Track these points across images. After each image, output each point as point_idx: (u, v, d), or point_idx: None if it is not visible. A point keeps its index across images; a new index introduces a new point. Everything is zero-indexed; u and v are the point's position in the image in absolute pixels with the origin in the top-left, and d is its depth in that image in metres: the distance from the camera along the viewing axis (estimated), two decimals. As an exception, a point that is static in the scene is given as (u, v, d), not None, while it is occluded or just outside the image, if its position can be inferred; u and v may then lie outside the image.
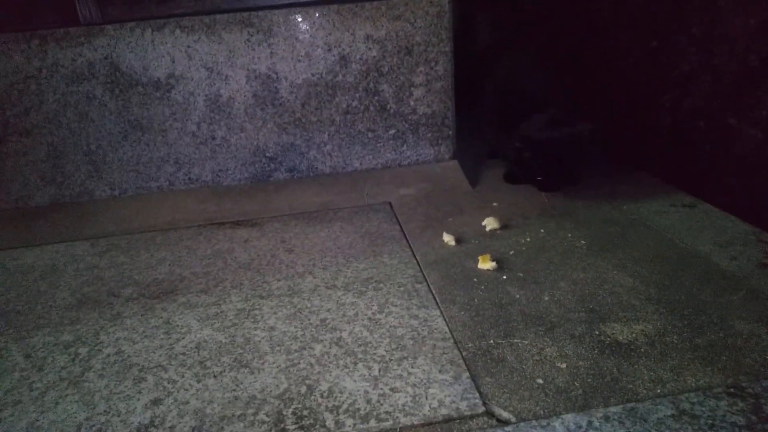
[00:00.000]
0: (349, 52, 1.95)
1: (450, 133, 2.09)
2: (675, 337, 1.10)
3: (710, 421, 0.89)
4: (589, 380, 1.00)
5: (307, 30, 1.91)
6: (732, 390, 0.95)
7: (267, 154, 2.05)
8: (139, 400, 1.04)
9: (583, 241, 1.51)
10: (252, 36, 1.91)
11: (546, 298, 1.26)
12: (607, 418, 0.91)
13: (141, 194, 2.03)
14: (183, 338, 1.22)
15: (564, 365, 1.05)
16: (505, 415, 0.94)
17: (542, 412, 0.94)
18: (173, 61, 1.91)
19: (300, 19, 1.91)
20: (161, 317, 1.31)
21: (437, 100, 2.03)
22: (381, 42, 1.95)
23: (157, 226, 1.85)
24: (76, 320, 1.33)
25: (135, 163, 2.00)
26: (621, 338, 1.11)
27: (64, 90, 1.90)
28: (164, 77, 1.92)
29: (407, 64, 1.98)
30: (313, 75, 1.97)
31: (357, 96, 2.00)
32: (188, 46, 1.90)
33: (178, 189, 2.05)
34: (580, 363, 1.05)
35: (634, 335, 1.11)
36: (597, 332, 1.13)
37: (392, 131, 2.06)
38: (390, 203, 1.89)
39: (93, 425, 0.98)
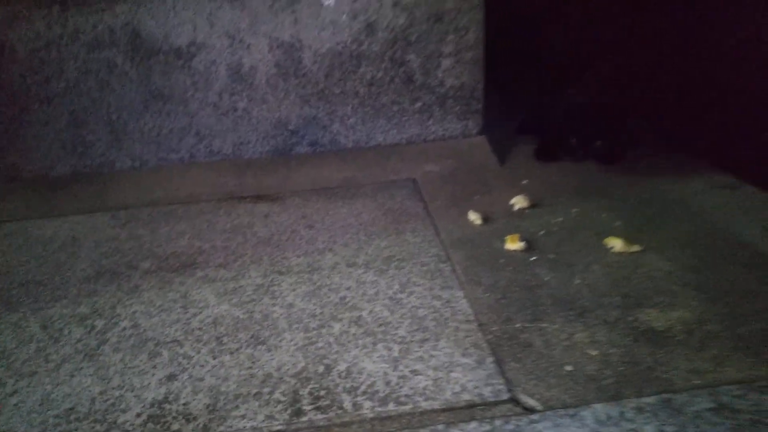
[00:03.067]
0: (375, 20, 1.87)
1: (479, 107, 2.01)
2: (715, 325, 1.03)
3: (753, 417, 0.83)
4: (622, 369, 0.95)
5: (333, -4, 1.85)
6: (778, 385, 0.89)
7: (289, 127, 2.00)
8: (153, 375, 1.02)
9: (618, 222, 1.44)
10: (275, 1, 1.84)
11: (577, 282, 1.20)
12: (640, 410, 0.86)
13: (162, 166, 2.01)
14: (200, 313, 1.19)
15: (595, 352, 0.99)
16: (532, 402, 0.90)
17: (571, 401, 0.89)
18: (195, 29, 1.86)
19: (325, -15, 1.84)
20: (179, 291, 1.29)
21: (466, 71, 1.95)
22: (409, 9, 1.86)
23: (178, 199, 1.82)
24: (94, 292, 1.31)
25: (156, 134, 1.97)
26: (657, 325, 1.05)
27: (85, 57, 1.87)
28: (185, 45, 1.88)
29: (437, 32, 1.89)
30: (337, 44, 1.90)
31: (382, 66, 1.93)
32: (210, 13, 1.85)
33: (199, 161, 2.02)
34: (613, 350, 0.99)
35: (671, 323, 1.05)
36: (631, 318, 1.07)
37: (418, 104, 1.99)
38: (414, 180, 1.83)
39: (107, 399, 0.97)
